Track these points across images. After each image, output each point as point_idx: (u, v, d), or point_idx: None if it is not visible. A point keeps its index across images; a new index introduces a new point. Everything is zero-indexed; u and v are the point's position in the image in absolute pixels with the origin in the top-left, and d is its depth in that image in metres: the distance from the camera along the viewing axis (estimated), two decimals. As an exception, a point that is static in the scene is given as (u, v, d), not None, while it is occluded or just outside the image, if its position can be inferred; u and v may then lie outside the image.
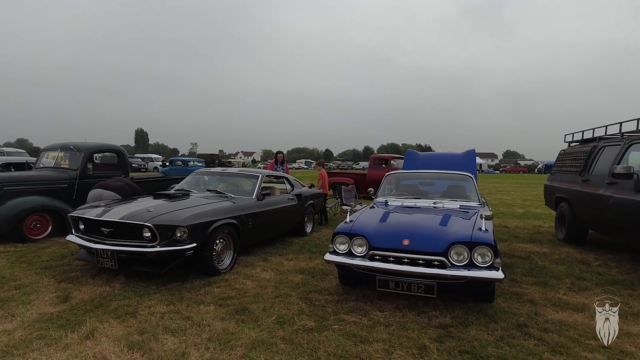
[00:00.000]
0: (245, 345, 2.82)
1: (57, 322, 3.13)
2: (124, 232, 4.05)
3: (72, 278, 4.20)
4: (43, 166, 6.95)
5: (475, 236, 3.35)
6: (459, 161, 7.02)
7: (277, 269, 4.72)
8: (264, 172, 6.17)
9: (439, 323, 3.22)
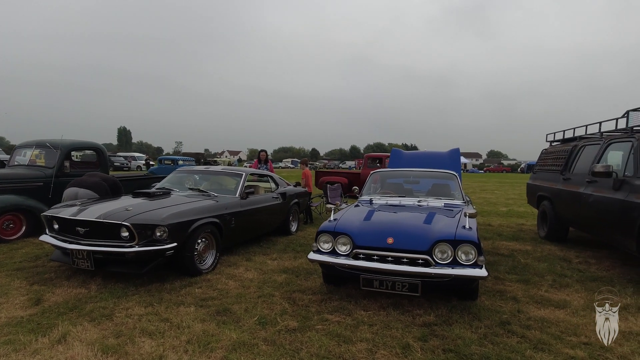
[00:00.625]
0: (225, 347, 2.74)
1: (27, 326, 2.99)
2: (101, 231, 3.91)
3: (46, 280, 4.04)
4: (17, 164, 6.69)
5: (459, 234, 3.34)
6: (444, 160, 7.05)
7: (260, 269, 4.64)
8: (247, 170, 6.08)
9: (423, 322, 3.20)
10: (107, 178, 5.79)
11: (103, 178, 5.68)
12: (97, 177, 5.65)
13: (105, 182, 5.63)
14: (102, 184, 5.49)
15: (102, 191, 5.39)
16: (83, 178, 5.54)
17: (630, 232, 4.03)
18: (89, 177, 5.60)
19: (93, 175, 5.71)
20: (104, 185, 5.49)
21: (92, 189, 5.31)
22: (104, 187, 5.46)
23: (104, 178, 5.71)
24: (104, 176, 5.80)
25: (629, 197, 4.12)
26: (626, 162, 4.47)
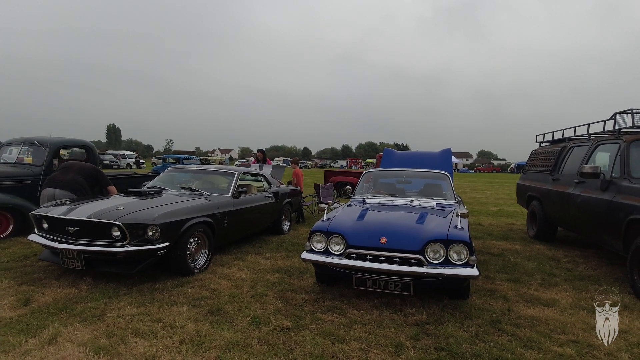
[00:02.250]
0: (219, 347, 2.73)
1: (16, 326, 2.95)
2: (92, 231, 3.86)
3: (35, 280, 3.98)
4: (4, 162, 6.56)
5: (451, 234, 3.38)
6: (436, 160, 7.12)
7: (253, 268, 4.64)
8: (240, 169, 6.05)
9: (415, 320, 3.23)
10: (82, 168, 5.55)
11: (77, 170, 5.45)
12: (71, 171, 5.41)
13: (81, 173, 5.43)
14: (77, 179, 5.32)
15: (77, 188, 5.25)
16: (56, 175, 5.34)
17: (617, 232, 4.11)
18: (63, 173, 5.38)
19: (67, 169, 5.45)
20: (78, 181, 5.33)
21: (67, 188, 5.17)
22: (79, 183, 5.31)
23: (79, 170, 5.48)
24: (79, 167, 5.54)
25: (615, 198, 4.20)
26: (613, 164, 4.56)
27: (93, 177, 5.63)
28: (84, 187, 5.40)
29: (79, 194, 5.21)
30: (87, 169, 5.61)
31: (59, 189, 5.17)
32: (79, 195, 5.16)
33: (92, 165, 5.80)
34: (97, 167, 5.83)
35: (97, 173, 5.74)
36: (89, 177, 5.54)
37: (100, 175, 5.77)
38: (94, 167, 5.80)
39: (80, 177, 5.40)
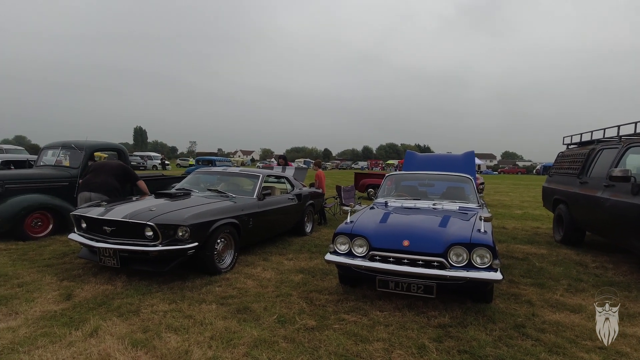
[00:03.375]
0: (247, 344, 2.86)
1: (60, 319, 3.16)
2: (126, 231, 4.07)
3: (74, 276, 4.23)
4: (44, 164, 6.96)
5: (474, 237, 3.40)
6: (458, 163, 7.08)
7: (277, 269, 4.76)
8: (264, 172, 6.21)
9: (438, 323, 3.27)
10: (112, 168, 5.76)
11: (108, 171, 5.68)
12: (102, 173, 5.65)
13: (112, 174, 5.69)
14: (109, 181, 5.60)
15: (110, 190, 5.54)
16: (89, 178, 5.60)
17: (647, 238, 4.01)
18: (95, 176, 5.63)
19: (98, 172, 5.68)
20: (110, 182, 5.61)
21: (101, 191, 5.47)
22: (111, 185, 5.61)
23: (109, 171, 5.70)
24: (109, 168, 5.76)
25: (647, 203, 4.10)
26: (645, 167, 4.44)
27: (123, 175, 5.90)
28: (116, 188, 5.70)
29: (111, 195, 5.49)
30: (116, 169, 5.85)
31: (94, 192, 5.47)
32: (112, 196, 5.44)
33: (120, 164, 6.02)
34: (125, 165, 6.08)
35: (126, 170, 5.98)
36: (119, 176, 5.83)
37: (129, 172, 6.03)
38: (121, 165, 6.01)
39: (111, 178, 5.69)
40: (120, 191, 5.79)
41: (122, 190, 5.86)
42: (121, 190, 5.82)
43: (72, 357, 2.61)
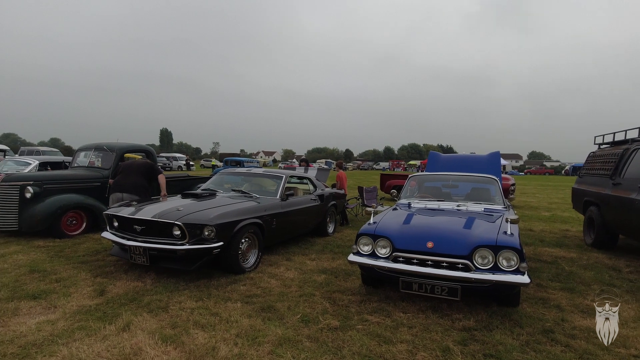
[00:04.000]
0: (272, 342, 2.91)
1: (95, 314, 3.31)
2: (155, 230, 4.22)
3: (107, 273, 4.41)
4: (78, 165, 7.28)
5: (500, 240, 3.34)
6: (483, 163, 6.93)
7: (300, 269, 4.81)
8: (287, 172, 6.28)
9: (463, 326, 3.23)
10: (140, 168, 5.96)
11: (136, 171, 5.90)
12: (131, 174, 5.86)
13: (140, 174, 5.89)
14: (138, 181, 5.82)
15: (140, 190, 5.77)
16: (120, 179, 5.82)
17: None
18: (125, 176, 5.84)
19: (127, 172, 5.89)
20: (139, 182, 5.84)
21: (132, 191, 5.70)
22: (140, 185, 5.83)
23: (137, 170, 5.91)
24: (136, 168, 5.96)
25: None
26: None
27: (149, 172, 6.07)
28: (144, 186, 5.92)
29: (141, 194, 5.71)
30: (143, 167, 6.03)
31: (126, 192, 5.70)
32: (141, 195, 5.66)
33: (145, 162, 6.20)
34: (150, 162, 6.27)
35: (152, 167, 6.15)
36: (146, 174, 6.01)
37: (154, 168, 6.18)
38: (147, 162, 6.19)
39: (139, 178, 5.90)
40: (149, 189, 6.00)
41: (150, 188, 6.07)
42: (150, 188, 6.03)
43: (106, 350, 2.73)
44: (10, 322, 3.13)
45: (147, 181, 6.02)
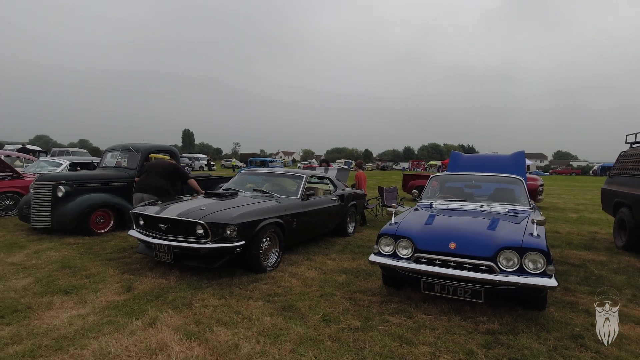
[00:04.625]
0: (293, 341, 2.93)
1: (122, 309, 3.42)
2: (180, 228, 4.31)
3: (133, 270, 4.55)
4: (106, 165, 7.53)
5: (526, 241, 3.26)
6: (507, 163, 6.75)
7: (321, 268, 4.83)
8: (308, 172, 6.31)
9: (487, 329, 3.17)
10: (163, 169, 5.97)
11: (159, 172, 5.91)
12: (154, 174, 5.88)
13: (162, 175, 5.90)
14: (159, 182, 5.81)
15: (160, 191, 5.73)
16: (142, 180, 5.89)
17: None
18: (147, 177, 5.90)
19: (150, 173, 5.93)
20: (160, 183, 5.82)
21: (151, 192, 5.68)
22: (161, 186, 5.81)
23: (160, 172, 5.92)
24: (159, 169, 5.96)
25: None
26: None
27: (173, 174, 6.05)
28: (165, 188, 5.88)
29: (161, 196, 5.65)
30: (166, 169, 6.01)
31: (146, 192, 5.73)
32: (161, 197, 5.59)
33: (170, 163, 6.15)
34: (176, 164, 6.23)
35: (177, 169, 6.13)
36: (169, 176, 5.98)
37: (180, 172, 6.17)
38: (172, 164, 6.15)
39: (161, 179, 5.88)
40: (171, 191, 5.97)
41: (173, 189, 6.11)
42: (171, 190, 6.01)
43: (134, 345, 2.81)
44: (44, 315, 3.27)
45: (169, 182, 6.00)
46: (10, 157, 10.79)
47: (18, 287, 3.88)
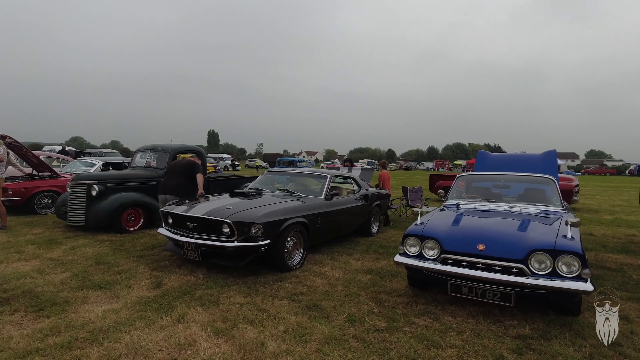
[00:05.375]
0: (318, 340, 2.94)
1: (153, 305, 3.53)
2: (207, 227, 4.41)
3: (162, 267, 4.68)
4: (136, 165, 7.79)
5: (559, 244, 3.15)
6: (537, 163, 6.54)
7: (345, 268, 4.82)
8: (332, 172, 6.31)
9: (517, 334, 3.08)
10: (182, 169, 6.06)
11: (179, 173, 6.02)
12: (174, 175, 6.02)
13: (182, 175, 6.00)
14: (179, 183, 5.93)
15: (181, 192, 5.80)
16: (165, 181, 6.07)
17: None
18: (169, 178, 6.05)
19: (171, 173, 6.08)
20: (181, 184, 5.93)
21: (172, 193, 5.83)
22: (182, 186, 5.92)
23: (180, 172, 6.04)
24: (179, 169, 6.07)
25: None
26: None
27: (191, 170, 6.10)
28: (185, 187, 5.97)
29: (182, 195, 5.68)
30: (184, 167, 6.10)
31: (167, 194, 5.89)
32: (182, 196, 5.62)
33: (188, 161, 6.24)
34: (193, 161, 6.27)
35: (192, 166, 6.17)
36: (187, 173, 6.06)
37: (195, 167, 6.18)
38: (189, 161, 6.22)
39: (181, 179, 5.99)
40: (191, 189, 6.01)
41: (194, 186, 6.07)
42: (192, 188, 6.03)
43: (164, 340, 2.90)
44: (80, 309, 3.41)
45: (189, 181, 6.07)
46: (49, 158, 11.32)
47: (56, 282, 4.06)
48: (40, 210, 8.22)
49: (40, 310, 3.36)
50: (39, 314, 3.29)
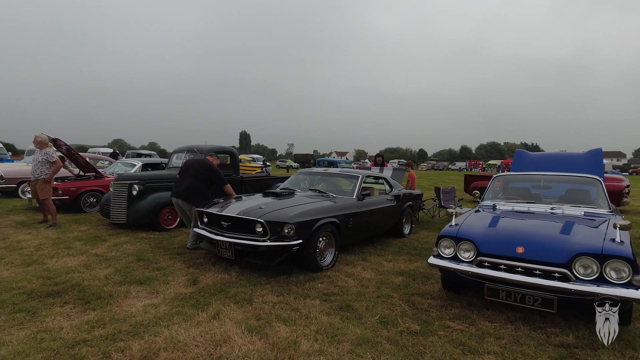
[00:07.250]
0: (351, 341, 2.93)
1: (189, 301, 3.64)
2: (240, 226, 4.50)
3: (198, 264, 4.82)
4: (173, 166, 8.07)
5: (607, 248, 2.97)
6: (581, 162, 6.19)
7: (377, 269, 4.77)
8: (364, 172, 6.27)
9: (560, 342, 2.94)
10: (198, 171, 5.55)
11: (193, 174, 5.52)
12: (188, 176, 5.53)
13: (197, 177, 5.49)
14: (192, 186, 5.44)
15: (192, 197, 5.40)
16: (177, 183, 5.66)
17: None
18: (182, 180, 5.59)
19: (185, 174, 5.59)
20: (193, 187, 5.44)
21: (183, 197, 5.46)
22: (194, 190, 5.43)
23: (194, 173, 5.53)
24: (194, 171, 5.56)
25: None
26: None
27: (208, 174, 5.61)
28: (199, 190, 5.48)
29: (194, 200, 5.38)
30: (201, 170, 5.59)
31: (180, 198, 5.54)
32: (194, 201, 5.36)
33: (206, 163, 5.69)
34: (211, 165, 5.72)
35: (212, 171, 5.64)
36: (202, 176, 5.55)
37: (215, 174, 5.67)
38: (207, 164, 5.67)
39: (194, 181, 5.49)
40: (205, 192, 5.56)
41: (209, 189, 5.66)
42: (206, 191, 5.58)
43: (200, 336, 2.98)
44: (123, 303, 3.58)
45: (203, 183, 5.55)
46: (93, 159, 11.97)
47: (101, 276, 4.29)
48: (86, 209, 8.70)
49: (87, 303, 3.56)
50: (86, 307, 3.48)
